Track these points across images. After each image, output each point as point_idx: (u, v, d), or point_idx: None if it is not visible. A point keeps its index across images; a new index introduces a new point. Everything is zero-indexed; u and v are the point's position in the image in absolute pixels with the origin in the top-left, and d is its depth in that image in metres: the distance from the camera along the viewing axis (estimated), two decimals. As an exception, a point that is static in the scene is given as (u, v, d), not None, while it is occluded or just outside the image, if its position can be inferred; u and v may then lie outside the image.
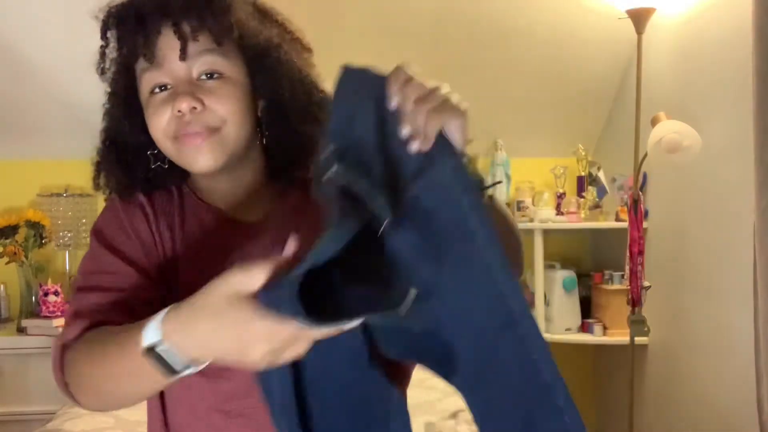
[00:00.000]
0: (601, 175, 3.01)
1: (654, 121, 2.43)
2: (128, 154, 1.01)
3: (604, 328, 2.89)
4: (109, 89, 1.04)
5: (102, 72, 1.03)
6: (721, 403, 2.39)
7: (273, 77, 0.97)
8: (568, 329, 2.92)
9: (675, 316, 2.66)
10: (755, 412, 1.99)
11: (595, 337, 2.89)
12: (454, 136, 0.75)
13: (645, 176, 2.79)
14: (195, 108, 0.92)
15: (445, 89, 0.77)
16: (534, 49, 2.84)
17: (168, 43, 0.92)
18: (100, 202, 3.16)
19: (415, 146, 0.74)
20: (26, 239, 2.85)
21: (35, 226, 2.85)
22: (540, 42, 2.82)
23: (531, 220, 2.97)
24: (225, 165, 0.95)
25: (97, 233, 1.00)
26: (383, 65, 1.13)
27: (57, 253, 3.01)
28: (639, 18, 2.55)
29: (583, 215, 2.97)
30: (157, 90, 0.94)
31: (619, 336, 2.78)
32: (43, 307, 2.71)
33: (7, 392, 2.64)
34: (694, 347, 2.55)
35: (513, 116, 3.09)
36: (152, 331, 0.73)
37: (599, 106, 3.11)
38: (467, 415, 2.07)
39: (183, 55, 0.91)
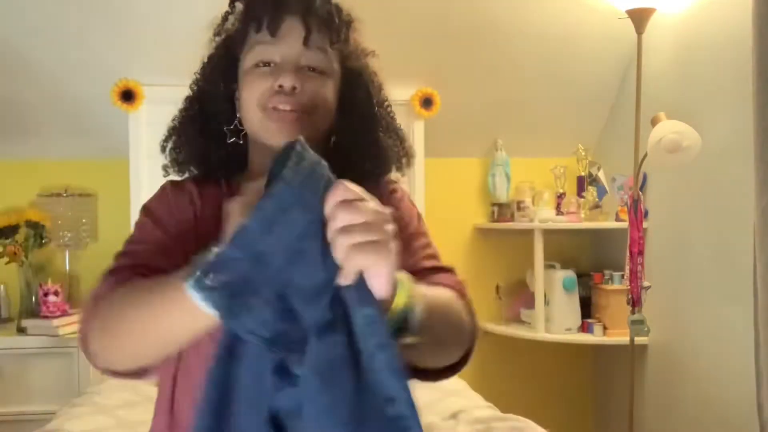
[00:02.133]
0: (601, 175, 3.01)
1: (654, 121, 2.43)
2: (210, 121, 1.07)
3: (604, 328, 2.88)
4: (212, 53, 1.10)
5: (217, 34, 1.10)
6: (721, 403, 2.39)
7: (365, 93, 1.07)
8: (568, 329, 2.92)
9: (675, 316, 2.66)
10: (755, 412, 1.99)
11: (595, 337, 2.89)
12: (374, 282, 0.70)
13: (645, 176, 2.79)
14: (295, 88, 0.98)
15: (386, 225, 0.71)
16: (534, 48, 2.84)
17: (292, 26, 1.00)
18: (100, 202, 3.19)
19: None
20: (26, 239, 2.85)
21: (35, 226, 2.85)
22: (540, 42, 2.82)
23: (531, 220, 2.97)
24: None
25: (146, 208, 1.06)
26: (383, 65, 1.14)
27: (57, 253, 3.01)
28: (639, 18, 2.55)
29: (583, 215, 2.97)
30: (261, 65, 1.02)
31: (619, 336, 2.78)
32: (43, 307, 2.71)
33: (7, 392, 2.63)
34: (694, 347, 2.55)
35: (513, 116, 3.09)
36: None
37: (599, 106, 3.11)
38: (467, 416, 2.07)
39: (306, 42, 1.00)
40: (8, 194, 3.02)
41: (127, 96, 2.70)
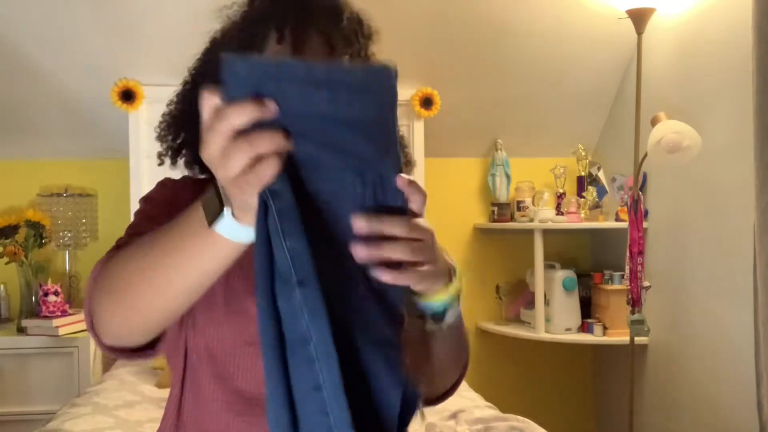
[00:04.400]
0: (601, 175, 3.01)
1: (654, 121, 2.43)
2: None
3: (604, 328, 2.88)
4: (222, 41, 1.03)
5: (227, 27, 1.04)
6: (721, 403, 2.39)
7: None
8: (568, 329, 2.92)
9: (675, 316, 2.66)
10: (755, 412, 2.00)
11: (595, 337, 2.89)
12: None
13: (645, 176, 2.79)
14: None
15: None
16: (534, 49, 2.84)
17: (316, 42, 0.96)
18: (100, 202, 3.18)
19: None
20: (26, 239, 2.84)
21: (35, 226, 2.85)
22: (540, 42, 2.82)
23: (531, 220, 2.97)
24: None
25: (145, 198, 1.03)
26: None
27: (57, 253, 3.01)
28: (639, 18, 2.55)
29: (583, 215, 2.97)
30: None
31: (619, 336, 2.78)
32: (43, 307, 2.71)
33: (7, 392, 2.64)
34: (694, 347, 2.55)
35: (513, 116, 3.09)
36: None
37: (599, 105, 3.11)
38: (467, 415, 2.08)
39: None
40: (8, 194, 3.02)
41: (127, 96, 2.70)
